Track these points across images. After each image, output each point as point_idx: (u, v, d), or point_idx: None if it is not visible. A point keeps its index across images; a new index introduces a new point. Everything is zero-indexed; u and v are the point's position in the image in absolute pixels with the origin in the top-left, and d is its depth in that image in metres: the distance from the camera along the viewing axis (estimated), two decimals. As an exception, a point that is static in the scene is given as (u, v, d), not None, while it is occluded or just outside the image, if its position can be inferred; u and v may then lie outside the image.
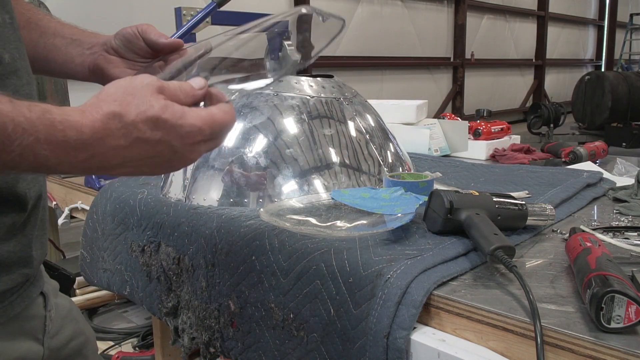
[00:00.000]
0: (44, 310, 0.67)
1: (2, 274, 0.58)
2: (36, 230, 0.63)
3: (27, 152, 0.45)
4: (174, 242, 0.94)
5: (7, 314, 0.59)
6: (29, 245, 0.62)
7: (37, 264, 0.65)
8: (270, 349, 0.78)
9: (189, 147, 0.52)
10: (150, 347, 1.73)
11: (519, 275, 0.63)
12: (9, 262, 0.59)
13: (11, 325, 0.60)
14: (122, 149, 0.49)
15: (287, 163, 0.97)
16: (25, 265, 0.61)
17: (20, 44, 0.60)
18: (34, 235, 0.63)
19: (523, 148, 1.58)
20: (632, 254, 0.73)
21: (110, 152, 0.49)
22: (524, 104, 10.38)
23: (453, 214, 0.78)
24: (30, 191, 0.60)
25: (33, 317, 0.64)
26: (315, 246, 0.76)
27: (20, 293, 0.61)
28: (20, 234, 0.60)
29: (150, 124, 0.49)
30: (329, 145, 1.00)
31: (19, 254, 0.60)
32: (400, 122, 1.64)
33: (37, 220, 0.63)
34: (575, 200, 1.03)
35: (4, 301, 0.59)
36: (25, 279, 0.62)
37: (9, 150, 0.44)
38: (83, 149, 0.47)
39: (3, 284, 0.58)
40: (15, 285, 0.60)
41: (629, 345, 0.52)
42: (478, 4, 8.82)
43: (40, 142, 0.45)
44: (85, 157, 0.48)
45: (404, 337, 0.62)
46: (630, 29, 11.87)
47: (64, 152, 0.47)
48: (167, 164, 0.53)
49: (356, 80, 6.54)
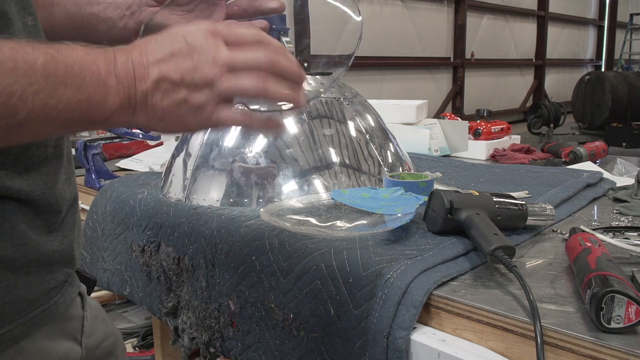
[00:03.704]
0: (82, 311, 0.67)
1: (46, 273, 0.58)
2: (76, 230, 0.64)
3: (83, 63, 0.47)
4: (174, 242, 0.94)
5: (53, 314, 0.59)
6: (71, 245, 0.62)
7: (77, 263, 0.65)
8: (270, 349, 0.78)
9: (203, 37, 0.52)
10: (150, 347, 1.73)
11: (519, 275, 0.63)
12: (52, 261, 0.59)
13: (55, 325, 0.60)
14: (145, 45, 0.51)
15: (287, 163, 0.97)
16: (66, 265, 0.62)
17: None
18: (74, 236, 0.63)
19: (523, 148, 1.58)
20: (632, 254, 0.73)
21: (137, 53, 0.50)
22: (524, 104, 10.38)
23: (453, 214, 0.78)
24: (65, 192, 0.61)
25: (73, 318, 0.64)
26: (315, 246, 0.76)
27: (63, 293, 0.61)
28: (61, 234, 0.60)
29: (166, 31, 0.52)
30: (329, 145, 1.00)
31: (62, 253, 0.60)
32: (400, 122, 1.64)
33: (75, 221, 0.64)
34: (575, 200, 1.03)
35: (48, 301, 0.59)
36: (66, 279, 0.62)
37: (70, 67, 0.47)
38: (118, 52, 0.50)
39: (47, 283, 0.58)
40: (58, 285, 0.60)
41: (629, 345, 0.52)
42: (478, 4, 8.82)
43: (87, 52, 0.49)
44: (123, 60, 0.50)
45: (404, 337, 0.62)
46: (630, 29, 11.86)
47: (106, 59, 0.49)
48: (189, 63, 0.51)
49: (356, 80, 6.54)
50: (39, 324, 0.57)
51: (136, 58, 0.50)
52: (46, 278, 0.58)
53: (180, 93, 0.52)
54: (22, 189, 0.54)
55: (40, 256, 0.57)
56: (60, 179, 0.60)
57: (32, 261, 0.56)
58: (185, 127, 0.55)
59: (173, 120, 0.53)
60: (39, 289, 0.57)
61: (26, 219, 0.56)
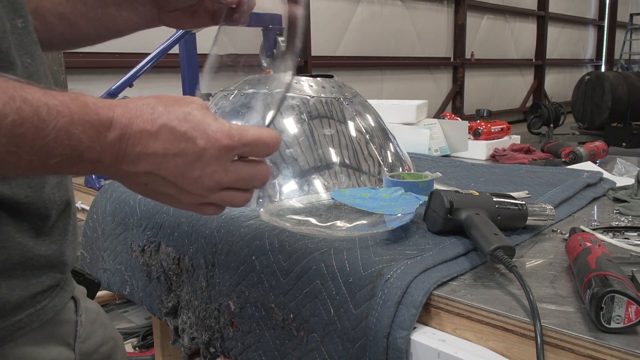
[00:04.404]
0: (75, 315, 0.66)
1: (31, 277, 0.57)
2: (68, 235, 0.63)
3: (62, 134, 0.45)
4: (174, 242, 0.94)
5: (40, 318, 0.58)
6: (60, 250, 0.61)
7: (69, 269, 0.64)
8: (270, 349, 0.78)
9: (214, 152, 0.50)
10: (150, 347, 1.73)
11: (519, 275, 0.63)
12: (38, 265, 0.58)
13: (43, 330, 0.59)
14: (147, 135, 0.49)
15: (287, 163, 0.97)
16: (55, 270, 0.61)
17: (35, 48, 0.60)
18: (65, 240, 0.62)
19: (523, 148, 1.58)
20: (632, 254, 0.73)
21: (137, 136, 0.48)
22: (524, 104, 10.39)
23: (453, 214, 0.78)
24: (55, 196, 0.60)
25: (65, 322, 0.63)
26: (315, 246, 0.76)
27: (52, 297, 0.60)
28: (49, 239, 0.59)
29: (180, 115, 0.49)
30: (329, 145, 1.00)
31: (50, 257, 0.59)
32: (400, 122, 1.64)
33: (68, 226, 0.63)
34: (575, 200, 1.03)
35: (35, 305, 0.58)
36: (56, 283, 0.61)
37: (44, 135, 0.44)
38: (113, 128, 0.47)
39: (32, 287, 0.57)
40: (46, 289, 0.59)
41: (629, 345, 0.52)
42: (478, 4, 8.82)
43: (74, 122, 0.45)
44: (114, 138, 0.48)
45: (404, 337, 0.62)
46: (630, 29, 11.87)
47: (96, 132, 0.47)
48: (190, 173, 0.51)
49: (356, 80, 6.55)
50: (24, 328, 0.56)
51: (135, 138, 0.48)
52: (32, 282, 0.57)
53: (169, 189, 0.52)
54: (3, 192, 0.53)
55: (25, 260, 0.56)
56: (49, 183, 0.59)
57: (17, 264, 0.55)
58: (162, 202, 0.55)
59: (150, 196, 0.53)
60: (23, 292, 0.56)
61: (12, 222, 0.55)
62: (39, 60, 0.60)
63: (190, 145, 0.49)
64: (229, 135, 0.50)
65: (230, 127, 0.51)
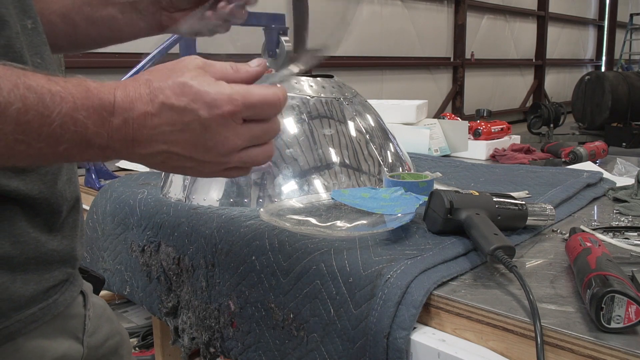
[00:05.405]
0: (83, 309, 0.67)
1: (44, 272, 0.58)
2: (78, 231, 0.64)
3: (67, 121, 0.45)
4: (174, 242, 0.94)
5: (52, 312, 0.59)
6: (71, 245, 0.62)
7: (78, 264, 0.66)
8: (270, 349, 0.78)
9: (219, 120, 0.49)
10: (150, 347, 1.73)
11: (519, 275, 0.63)
12: (51, 260, 0.59)
13: (54, 324, 0.60)
14: (150, 117, 0.48)
15: (287, 163, 0.97)
16: (67, 264, 0.62)
17: (44, 48, 0.60)
18: (75, 236, 0.63)
19: (523, 148, 1.58)
20: (632, 254, 0.73)
21: (141, 119, 0.48)
22: (524, 104, 10.38)
23: (453, 214, 0.78)
24: (66, 192, 0.61)
25: (74, 316, 0.64)
26: (315, 246, 0.76)
27: (63, 292, 0.61)
28: (61, 234, 0.60)
29: (177, 88, 0.48)
30: (329, 145, 1.00)
31: (62, 252, 0.60)
32: (400, 122, 1.64)
33: (77, 222, 0.64)
34: (575, 200, 1.03)
35: (47, 299, 0.59)
36: (66, 278, 0.62)
37: (49, 121, 0.44)
38: (116, 113, 0.47)
39: (45, 281, 0.58)
40: (57, 283, 0.60)
41: (629, 345, 0.52)
42: (478, 4, 8.82)
43: (77, 108, 0.45)
44: (119, 123, 0.47)
45: (404, 337, 0.62)
46: (630, 29, 11.87)
47: (100, 118, 0.46)
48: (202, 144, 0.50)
49: (356, 80, 6.54)
50: (37, 321, 0.57)
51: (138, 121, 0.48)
52: (45, 276, 0.58)
53: (186, 163, 0.52)
54: (19, 188, 0.54)
55: (39, 254, 0.57)
56: (61, 179, 0.60)
57: (31, 259, 0.56)
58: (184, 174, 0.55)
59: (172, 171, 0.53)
60: (37, 286, 0.57)
61: (27, 217, 0.56)
62: (49, 60, 0.61)
63: (193, 118, 0.49)
64: (231, 100, 0.49)
65: (231, 90, 0.50)
